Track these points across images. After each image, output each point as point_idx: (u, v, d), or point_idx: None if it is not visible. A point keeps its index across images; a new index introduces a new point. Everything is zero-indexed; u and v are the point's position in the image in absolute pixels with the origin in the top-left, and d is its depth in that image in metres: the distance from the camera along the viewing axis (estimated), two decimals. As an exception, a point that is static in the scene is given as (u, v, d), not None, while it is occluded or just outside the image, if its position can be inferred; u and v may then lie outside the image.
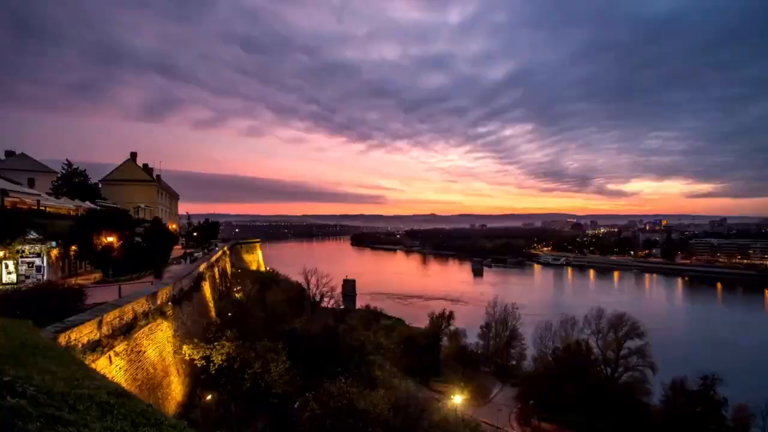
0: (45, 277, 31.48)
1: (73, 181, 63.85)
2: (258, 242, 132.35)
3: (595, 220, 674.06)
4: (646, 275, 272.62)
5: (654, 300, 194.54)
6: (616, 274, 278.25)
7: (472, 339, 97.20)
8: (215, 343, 33.67)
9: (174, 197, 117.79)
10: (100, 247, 36.04)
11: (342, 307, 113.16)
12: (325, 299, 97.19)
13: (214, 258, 61.58)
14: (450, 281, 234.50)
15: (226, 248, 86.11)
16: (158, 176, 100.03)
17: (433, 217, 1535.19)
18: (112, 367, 19.62)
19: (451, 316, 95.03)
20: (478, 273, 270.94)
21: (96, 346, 18.56)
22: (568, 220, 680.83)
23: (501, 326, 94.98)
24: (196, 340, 33.47)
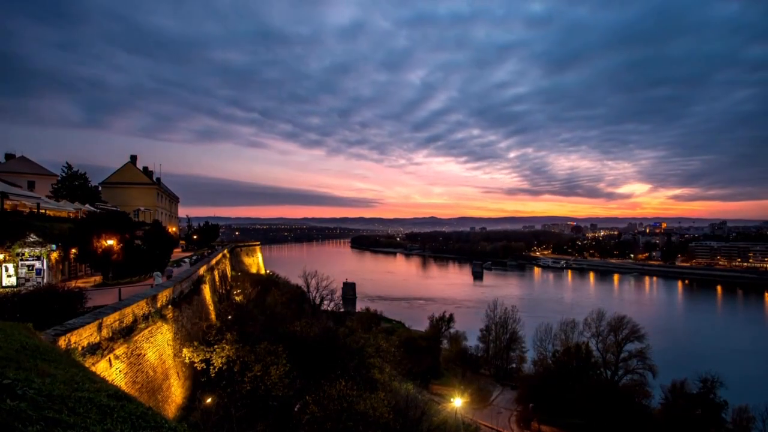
0: (45, 280, 31.47)
1: (73, 184, 63.88)
2: (258, 245, 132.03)
3: (594, 223, 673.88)
4: (646, 278, 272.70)
5: (654, 303, 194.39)
6: (616, 277, 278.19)
7: (472, 342, 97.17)
8: (215, 346, 33.65)
9: (174, 200, 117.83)
10: (100, 250, 36.03)
11: (342, 309, 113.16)
12: (325, 302, 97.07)
13: (214, 261, 61.56)
14: (450, 284, 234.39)
15: (226, 251, 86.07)
16: (158, 179, 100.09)
17: (432, 220, 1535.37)
18: (112, 370, 19.61)
19: (451, 319, 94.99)
20: (478, 276, 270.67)
21: (96, 349, 18.55)
22: (568, 223, 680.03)
23: (501, 329, 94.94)
24: (196, 343, 33.46)
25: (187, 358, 31.94)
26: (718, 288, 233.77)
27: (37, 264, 32.12)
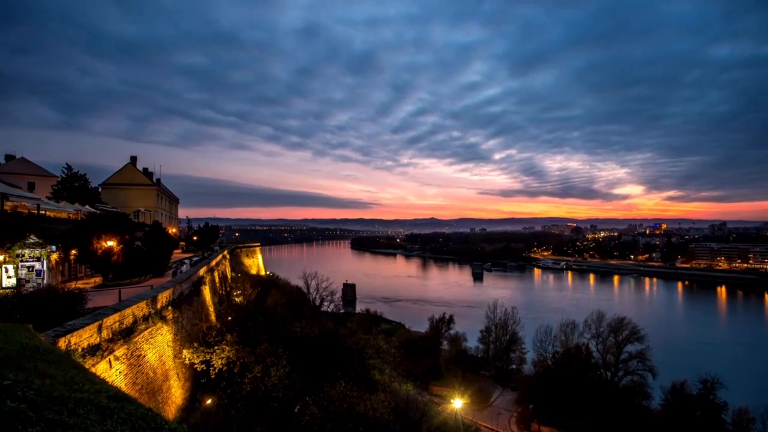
0: (45, 281, 31.48)
1: (73, 185, 63.83)
2: (258, 246, 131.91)
3: (594, 224, 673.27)
4: (646, 279, 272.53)
5: (654, 304, 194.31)
6: (616, 278, 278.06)
7: (472, 343, 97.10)
8: (215, 348, 33.66)
9: (174, 201, 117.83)
10: (100, 251, 36.06)
11: (342, 311, 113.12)
12: (325, 303, 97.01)
13: (214, 262, 61.53)
14: (450, 285, 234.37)
15: (226, 252, 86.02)
16: (158, 180, 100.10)
17: (432, 221, 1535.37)
18: (112, 371, 19.61)
19: (451, 320, 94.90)
20: (478, 277, 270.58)
21: (96, 350, 18.54)
22: (568, 224, 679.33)
23: (501, 330, 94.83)
24: (196, 344, 33.46)
25: (187, 359, 31.94)
26: (718, 289, 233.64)
27: (37, 265, 32.14)
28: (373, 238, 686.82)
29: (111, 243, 36.49)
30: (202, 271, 48.55)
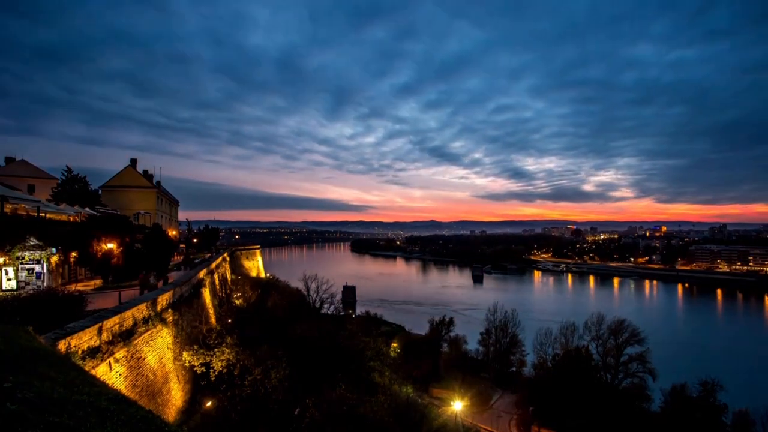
0: (45, 284, 31.46)
1: (73, 187, 63.83)
2: (258, 248, 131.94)
3: (595, 226, 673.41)
4: (646, 282, 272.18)
5: (654, 306, 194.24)
6: (616, 280, 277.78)
7: (472, 345, 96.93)
8: (215, 350, 33.66)
9: (174, 203, 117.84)
10: (100, 253, 36.10)
11: (342, 313, 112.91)
12: (325, 305, 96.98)
13: (213, 264, 61.54)
14: (450, 288, 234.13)
15: (226, 254, 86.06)
16: (158, 182, 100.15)
17: (432, 224, 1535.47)
18: (112, 373, 19.61)
19: (451, 322, 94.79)
20: (478, 280, 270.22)
21: (96, 353, 18.55)
22: (568, 226, 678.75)
23: (501, 333, 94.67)
24: (196, 347, 33.46)
25: (187, 361, 31.93)
26: (718, 291, 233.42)
27: (37, 267, 32.12)
28: (373, 241, 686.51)
29: (111, 245, 36.55)
30: (202, 274, 48.56)
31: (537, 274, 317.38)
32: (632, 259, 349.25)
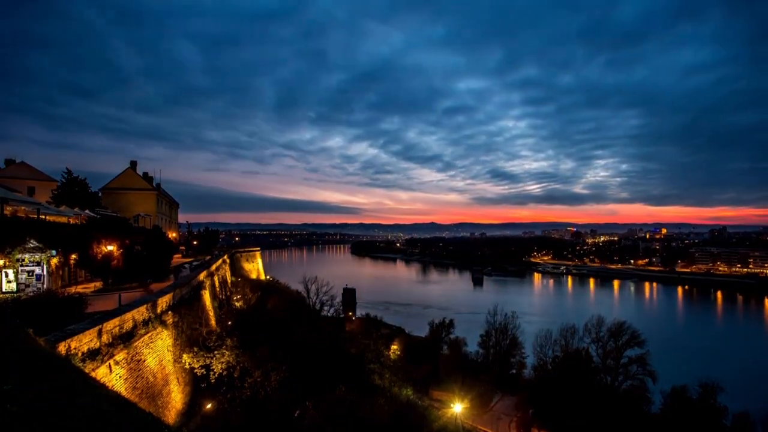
0: (45, 286, 31.46)
1: (73, 189, 63.83)
2: (258, 251, 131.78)
3: (594, 228, 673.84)
4: (646, 284, 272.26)
5: (654, 308, 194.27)
6: (616, 282, 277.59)
7: (472, 347, 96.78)
8: (215, 352, 33.63)
9: (174, 205, 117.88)
10: (100, 255, 36.12)
11: (342, 315, 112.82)
12: (326, 308, 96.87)
13: (213, 267, 61.53)
14: (450, 290, 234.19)
15: (225, 257, 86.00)
16: (158, 184, 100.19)
17: (432, 226, 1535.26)
18: (112, 375, 19.61)
19: (451, 324, 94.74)
20: (477, 282, 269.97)
21: (96, 355, 18.57)
22: (568, 228, 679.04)
23: (501, 335, 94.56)
24: (195, 349, 33.43)
25: (187, 363, 31.91)
26: (719, 293, 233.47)
27: (37, 270, 32.11)
28: (373, 243, 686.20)
29: (111, 247, 36.58)
30: (202, 276, 48.55)
31: (537, 276, 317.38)
32: (632, 261, 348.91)
